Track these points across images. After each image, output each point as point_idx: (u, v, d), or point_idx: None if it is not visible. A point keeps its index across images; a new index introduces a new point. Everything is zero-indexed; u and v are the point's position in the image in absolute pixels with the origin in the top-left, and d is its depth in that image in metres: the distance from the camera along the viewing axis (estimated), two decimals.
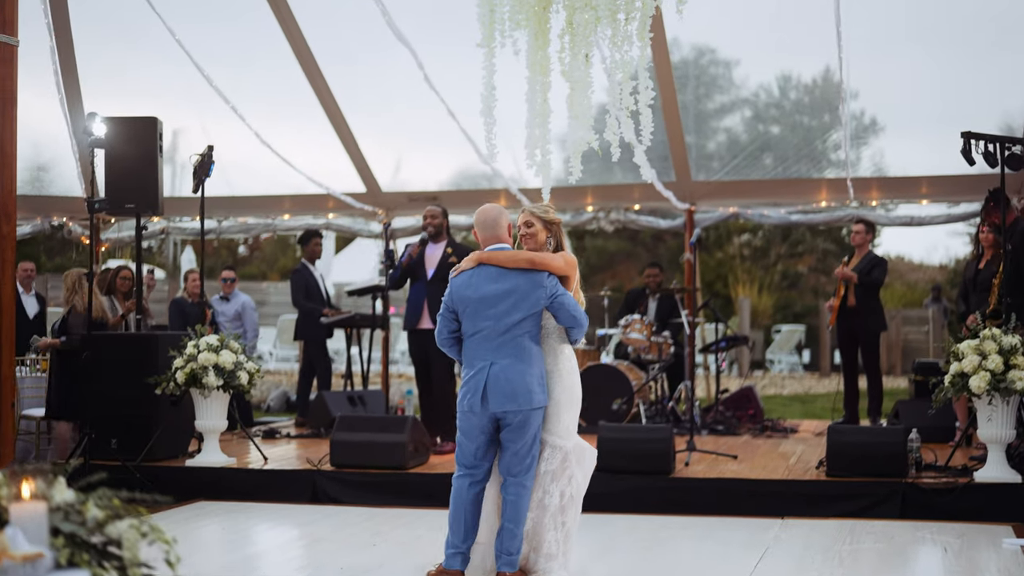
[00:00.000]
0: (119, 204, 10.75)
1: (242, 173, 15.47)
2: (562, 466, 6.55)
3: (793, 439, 12.36)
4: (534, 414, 6.42)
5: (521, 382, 6.36)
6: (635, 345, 13.37)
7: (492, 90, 7.78)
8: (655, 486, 9.36)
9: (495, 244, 6.66)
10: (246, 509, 9.63)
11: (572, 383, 6.58)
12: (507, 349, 6.42)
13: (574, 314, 6.42)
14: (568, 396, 6.56)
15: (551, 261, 6.46)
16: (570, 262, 6.57)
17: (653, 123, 7.91)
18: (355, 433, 10.04)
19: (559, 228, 6.80)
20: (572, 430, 6.63)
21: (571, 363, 6.61)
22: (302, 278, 13.87)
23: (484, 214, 6.74)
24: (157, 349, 10.49)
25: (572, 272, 6.57)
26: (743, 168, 14.72)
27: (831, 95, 14.06)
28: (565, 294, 6.43)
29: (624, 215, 15.03)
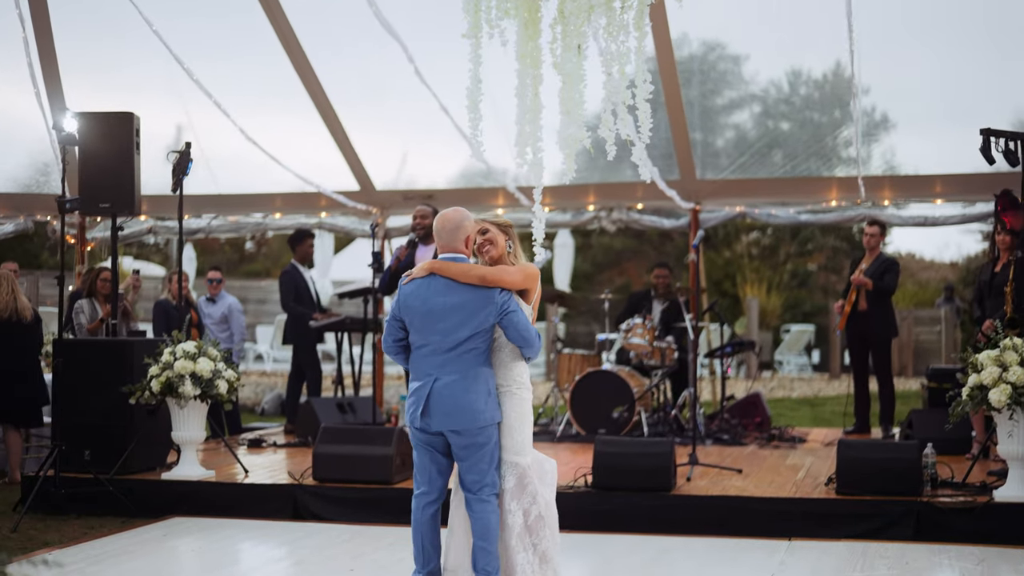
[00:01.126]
0: (93, 203, 10.25)
1: (233, 170, 14.98)
2: (520, 483, 6.26)
3: (801, 450, 11.82)
4: (483, 432, 6.18)
5: (464, 399, 6.13)
6: (637, 350, 12.84)
7: (479, 83, 7.24)
8: (654, 504, 8.84)
9: (450, 254, 6.33)
10: (222, 526, 9.13)
11: (523, 398, 6.32)
12: (453, 365, 6.19)
13: (524, 334, 6.18)
14: (519, 412, 6.30)
15: (505, 277, 6.19)
16: (529, 274, 6.29)
17: (653, 119, 7.36)
18: (339, 445, 9.53)
19: (513, 232, 6.47)
20: (527, 446, 6.32)
21: (523, 378, 6.34)
22: (292, 280, 13.35)
23: (443, 220, 6.37)
24: (132, 356, 9.99)
25: (532, 285, 6.29)
26: (750, 166, 14.18)
27: (842, 91, 13.55)
28: (516, 312, 6.16)
29: (627, 214, 14.49)
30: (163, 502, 9.60)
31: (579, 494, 8.95)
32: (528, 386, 6.33)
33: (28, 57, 12.03)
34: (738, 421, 13.10)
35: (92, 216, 13.78)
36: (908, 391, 20.52)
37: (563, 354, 13.46)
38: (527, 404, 6.30)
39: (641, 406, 12.50)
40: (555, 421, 13.18)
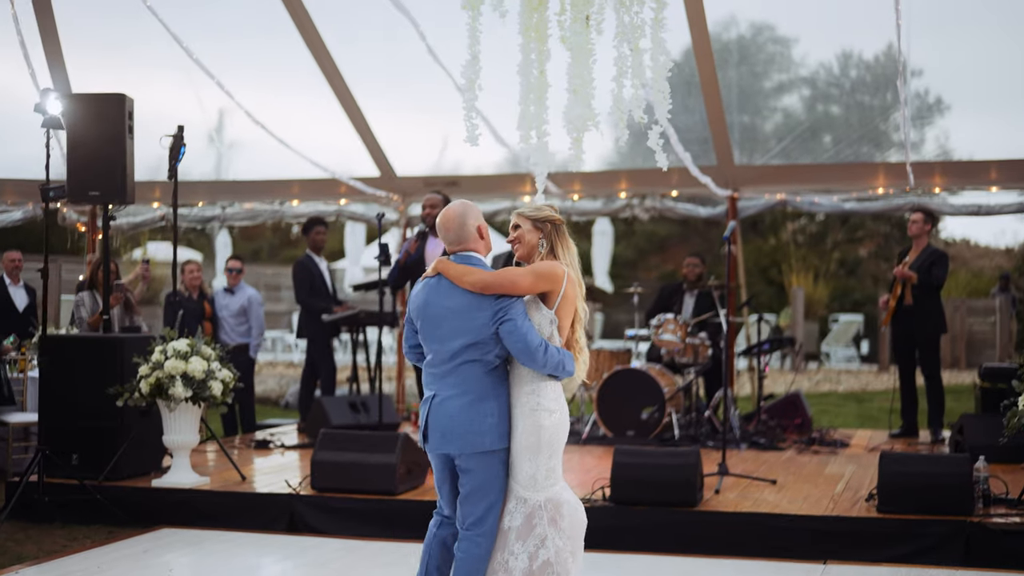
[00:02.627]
0: (82, 191, 9.61)
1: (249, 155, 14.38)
2: (528, 523, 5.31)
3: (843, 456, 11.01)
4: (483, 459, 5.32)
5: (462, 419, 5.31)
6: (668, 347, 12.08)
7: (476, 60, 6.54)
8: (677, 520, 8.08)
9: (461, 252, 5.48)
10: (211, 540, 8.48)
11: (542, 424, 5.29)
12: (451, 379, 5.37)
13: (524, 347, 5.24)
14: (534, 440, 5.28)
15: (512, 282, 5.28)
16: (543, 274, 5.32)
17: (689, 102, 6.62)
18: (339, 452, 8.85)
19: (555, 228, 5.50)
20: (540, 480, 5.31)
21: (545, 398, 5.32)
22: (306, 271, 12.67)
23: (445, 218, 5.51)
24: (123, 353, 9.35)
25: (549, 286, 5.33)
26: (792, 151, 13.37)
27: (893, 73, 12.72)
28: (514, 319, 5.24)
29: (660, 202, 13.72)
30: (153, 511, 8.97)
31: (595, 508, 8.20)
32: (555, 408, 5.32)
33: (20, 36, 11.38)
34: (776, 423, 12.32)
35: (80, 205, 13.16)
36: (960, 385, 19.64)
37: (590, 351, 12.69)
38: (551, 431, 5.30)
39: (672, 407, 11.75)
40: (581, 422, 12.44)
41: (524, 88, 6.54)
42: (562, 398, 5.41)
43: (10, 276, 12.75)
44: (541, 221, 5.46)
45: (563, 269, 5.37)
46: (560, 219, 5.51)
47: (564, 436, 5.38)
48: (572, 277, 5.39)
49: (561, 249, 5.46)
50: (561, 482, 5.40)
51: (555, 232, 5.47)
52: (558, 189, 13.67)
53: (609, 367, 12.28)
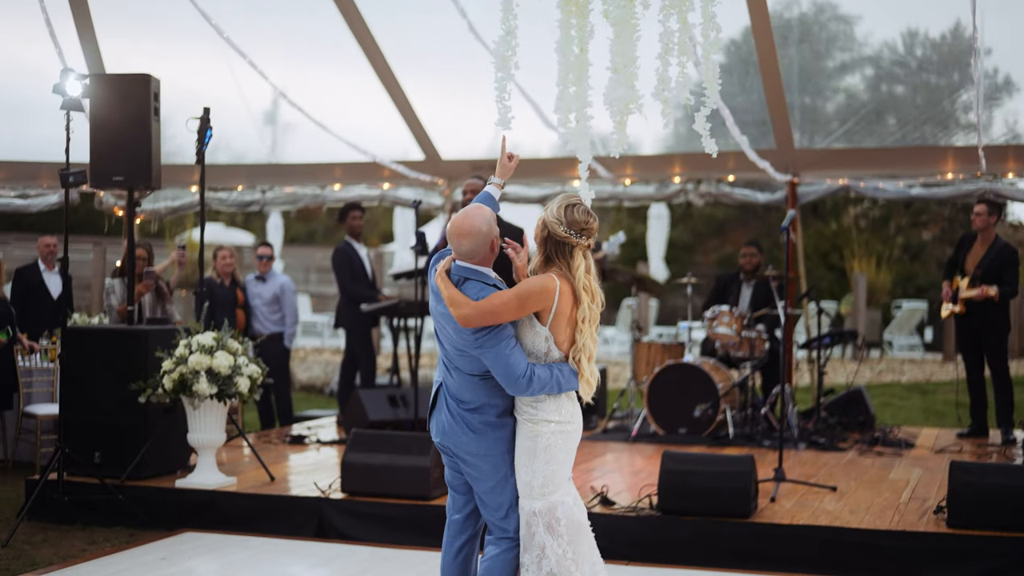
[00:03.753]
0: (105, 176, 9.18)
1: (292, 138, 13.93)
2: (529, 532, 5.05)
3: (908, 458, 10.38)
4: (482, 461, 5.12)
5: (463, 418, 5.10)
6: (723, 340, 11.48)
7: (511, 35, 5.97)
8: (729, 532, 7.51)
9: (471, 265, 5.12)
10: (236, 545, 8.03)
11: (534, 431, 5.03)
12: (451, 381, 5.16)
13: (501, 371, 4.93)
14: (527, 444, 5.04)
15: (495, 313, 4.90)
16: (531, 296, 4.96)
17: (726, 80, 6.04)
18: (371, 454, 8.36)
19: (557, 246, 5.06)
20: (536, 488, 5.04)
21: (535, 409, 5.03)
22: (346, 258, 12.19)
23: (459, 227, 5.10)
24: (148, 347, 8.91)
25: (539, 305, 4.98)
26: (856, 134, 12.69)
27: (961, 52, 12.04)
28: (494, 347, 4.91)
29: (716, 187, 13.09)
30: (176, 513, 8.54)
31: (642, 518, 7.67)
32: (556, 419, 5.01)
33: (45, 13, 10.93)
34: (837, 420, 11.69)
35: (103, 190, 12.75)
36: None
37: (641, 343, 12.13)
38: (548, 439, 5.01)
39: (727, 403, 11.17)
40: (631, 418, 11.88)
41: (563, 67, 5.96)
42: (568, 408, 5.07)
43: (45, 262, 12.34)
44: (542, 228, 5.09)
45: (553, 283, 4.97)
46: (561, 235, 5.02)
47: (568, 445, 5.09)
48: (567, 289, 4.99)
49: (561, 266, 5.04)
50: (562, 488, 5.07)
51: (552, 244, 5.05)
52: (608, 174, 13.09)
53: (661, 361, 11.71)
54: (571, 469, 5.13)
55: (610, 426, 12.05)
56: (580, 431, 5.15)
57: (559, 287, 4.95)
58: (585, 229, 5.02)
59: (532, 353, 5.01)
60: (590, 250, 5.10)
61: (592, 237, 5.08)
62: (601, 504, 7.93)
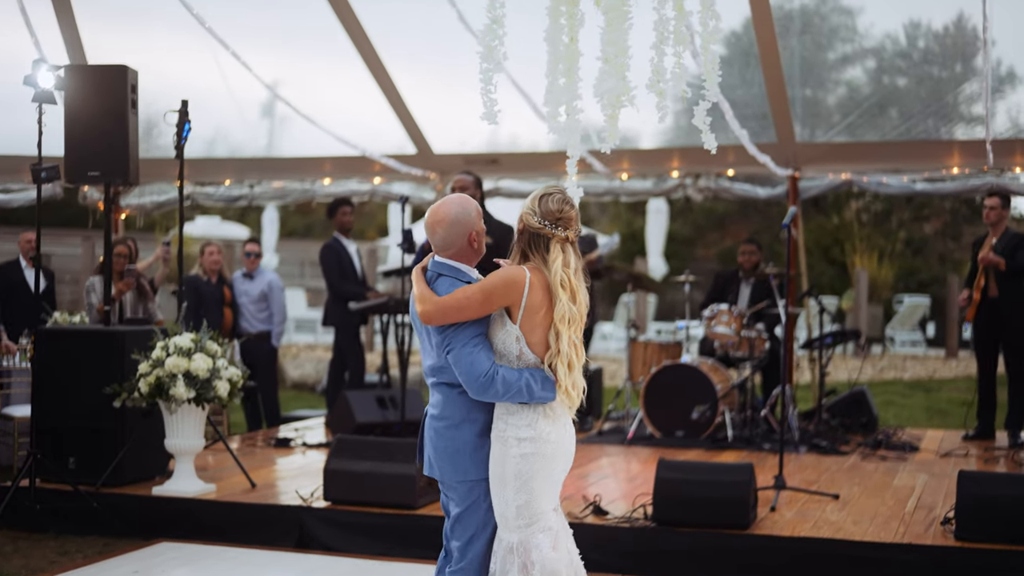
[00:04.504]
0: (80, 171, 8.84)
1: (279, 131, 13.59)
2: (503, 569, 4.61)
3: (913, 462, 10.05)
4: (463, 488, 4.69)
5: (440, 445, 4.69)
6: (722, 340, 11.15)
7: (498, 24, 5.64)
8: (727, 545, 7.17)
9: (447, 260, 4.74)
10: (212, 556, 7.69)
11: (504, 453, 4.57)
12: (434, 398, 4.77)
13: (467, 376, 4.51)
14: (497, 470, 4.59)
15: (459, 308, 4.51)
16: (498, 288, 4.52)
17: (726, 72, 5.69)
18: (354, 461, 8.02)
19: (533, 238, 4.65)
20: (510, 519, 4.58)
21: (505, 424, 4.59)
22: (334, 255, 11.86)
23: (434, 215, 4.74)
24: (124, 348, 8.57)
25: (506, 300, 4.55)
26: (859, 127, 12.35)
27: (964, 43, 11.71)
28: (456, 347, 4.52)
29: (715, 182, 12.74)
30: (153, 521, 8.20)
31: (636, 529, 7.34)
32: (527, 436, 4.55)
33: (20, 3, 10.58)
34: (839, 422, 11.37)
35: (77, 185, 12.40)
36: None
37: (637, 342, 11.80)
38: (518, 463, 4.54)
39: (725, 405, 10.85)
40: (628, 419, 11.55)
41: (552, 57, 5.63)
42: (542, 426, 4.57)
43: (27, 259, 12.01)
44: (519, 220, 4.67)
45: (523, 275, 4.54)
46: (535, 226, 4.60)
47: (546, 471, 4.59)
48: (539, 283, 4.55)
49: (537, 261, 4.62)
50: (541, 521, 4.59)
51: (527, 236, 4.63)
52: (605, 168, 12.74)
53: (657, 361, 11.38)
54: (556, 497, 4.69)
55: (606, 428, 11.72)
56: (564, 454, 4.65)
57: (529, 279, 4.52)
58: (560, 219, 4.59)
59: (503, 355, 4.57)
60: (569, 243, 4.64)
61: (570, 228, 4.61)
62: (594, 514, 7.60)
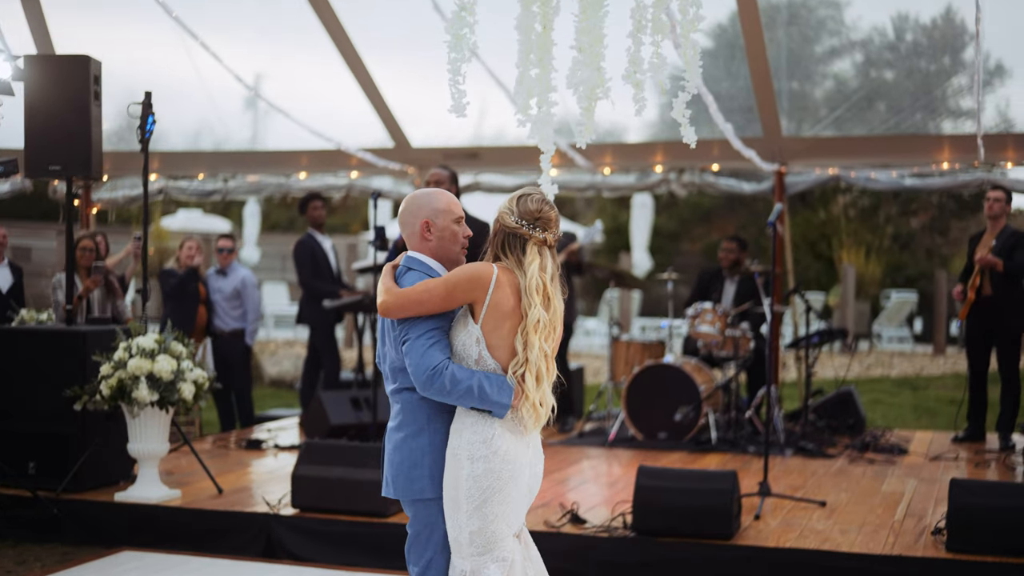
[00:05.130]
0: (41, 165, 8.51)
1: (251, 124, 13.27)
2: None
3: (902, 466, 9.79)
4: (418, 507, 4.37)
5: (396, 459, 4.36)
6: (706, 340, 10.87)
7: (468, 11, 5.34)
8: (709, 556, 6.89)
9: (409, 252, 4.50)
10: (175, 566, 7.39)
11: (456, 471, 4.23)
12: (396, 406, 4.44)
13: (413, 369, 4.21)
14: (449, 492, 4.26)
15: (418, 301, 4.22)
16: (461, 282, 4.23)
17: (732, 67, 5.42)
18: (324, 467, 7.72)
19: (508, 237, 4.35)
20: (463, 545, 4.25)
21: (459, 438, 4.26)
22: (308, 251, 11.55)
23: (401, 208, 4.53)
24: (85, 349, 8.26)
25: (470, 295, 4.24)
26: (846, 121, 12.08)
27: (952, 36, 11.45)
28: (410, 339, 4.22)
29: (700, 177, 12.46)
30: (115, 529, 7.89)
31: (615, 539, 7.06)
32: (480, 455, 4.20)
33: None
34: (826, 423, 11.11)
35: (37, 180, 12.07)
36: None
37: (620, 342, 11.51)
38: (470, 484, 4.20)
39: (709, 406, 10.57)
40: (609, 420, 11.27)
41: (523, 47, 5.33)
42: (500, 443, 4.21)
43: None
44: (495, 220, 4.38)
45: (490, 271, 4.24)
46: (512, 226, 4.31)
47: (501, 493, 4.21)
48: (507, 282, 4.24)
49: (511, 263, 4.32)
50: (496, 550, 4.24)
51: (502, 236, 4.34)
52: (587, 162, 12.44)
53: (640, 360, 11.10)
54: (518, 523, 4.32)
55: (587, 429, 11.42)
56: (524, 475, 4.26)
57: (496, 276, 4.22)
58: (539, 219, 4.29)
59: (460, 358, 4.24)
60: (547, 247, 4.33)
61: (549, 231, 4.32)
62: (571, 523, 7.32)
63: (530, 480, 4.34)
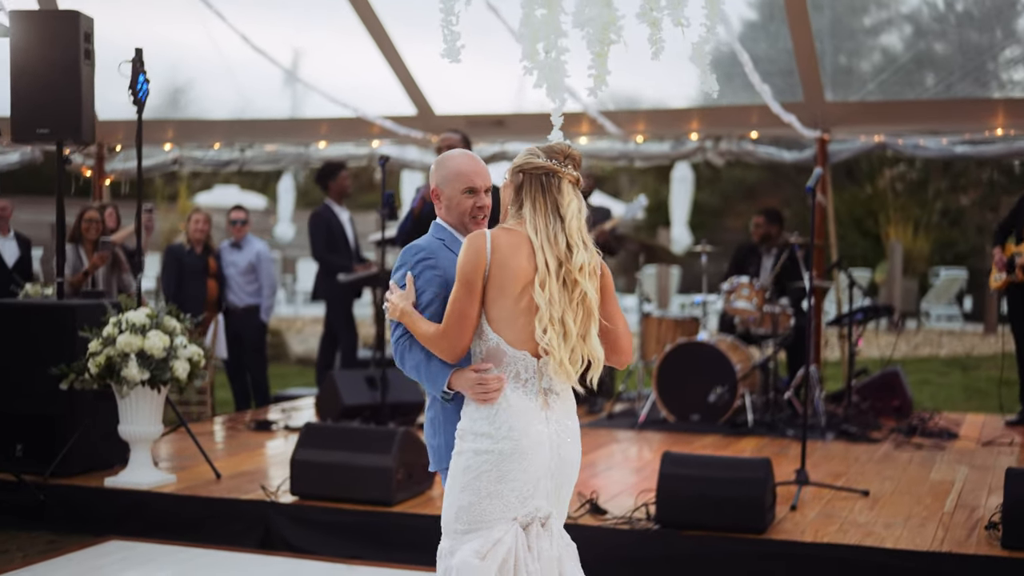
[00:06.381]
0: (28, 129, 7.99)
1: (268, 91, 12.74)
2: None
3: (952, 451, 9.13)
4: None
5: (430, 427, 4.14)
6: (742, 316, 10.24)
7: None
8: (739, 551, 6.29)
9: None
10: (164, 557, 6.88)
11: (459, 447, 3.88)
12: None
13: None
14: (454, 466, 3.89)
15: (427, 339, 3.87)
16: (461, 265, 3.79)
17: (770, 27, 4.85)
18: (325, 451, 7.17)
19: (530, 178, 3.82)
20: (449, 521, 3.89)
21: (465, 414, 3.90)
22: (323, 223, 11.01)
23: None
24: (74, 324, 7.74)
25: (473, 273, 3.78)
26: (893, 85, 11.36)
27: (1004, 6, 10.73)
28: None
29: (737, 144, 11.78)
30: (104, 516, 7.39)
31: (637, 532, 6.47)
32: (487, 429, 3.81)
33: None
34: (870, 405, 10.45)
35: (25, 144, 11.56)
36: None
37: (651, 318, 10.90)
38: (470, 460, 3.83)
39: (746, 387, 9.95)
40: (639, 401, 10.67)
41: None
42: (503, 416, 3.80)
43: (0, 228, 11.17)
44: (514, 173, 3.84)
45: (483, 235, 3.78)
46: (541, 165, 3.80)
47: (498, 470, 3.80)
48: (505, 242, 3.77)
49: (532, 207, 3.80)
50: (483, 533, 3.80)
51: (528, 184, 3.78)
52: (617, 130, 11.81)
53: (672, 339, 10.49)
54: (519, 508, 3.82)
55: (617, 410, 10.82)
56: (531, 456, 3.81)
57: (491, 237, 3.76)
58: (570, 155, 3.84)
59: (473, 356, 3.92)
60: (578, 187, 3.86)
61: (578, 169, 3.86)
62: (591, 513, 6.74)
63: (552, 462, 3.86)
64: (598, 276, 3.84)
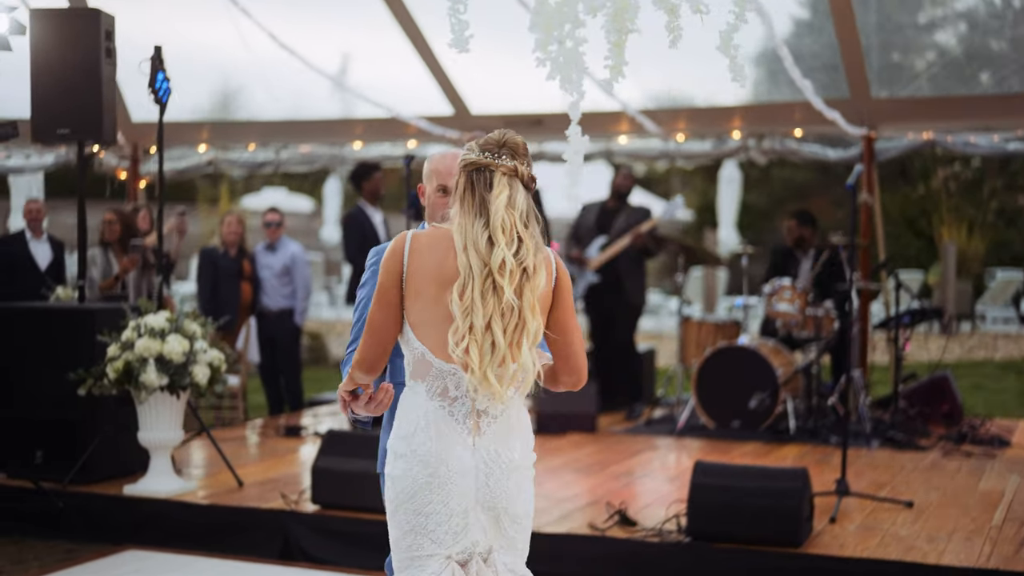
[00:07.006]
0: (49, 129, 7.84)
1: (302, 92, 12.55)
2: None
3: (1003, 460, 8.77)
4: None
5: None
6: (784, 319, 9.93)
7: None
8: (774, 566, 6.00)
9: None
10: (182, 567, 6.70)
11: (385, 469, 3.50)
12: None
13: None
14: (389, 494, 3.46)
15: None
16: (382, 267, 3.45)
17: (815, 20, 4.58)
18: (347, 459, 6.94)
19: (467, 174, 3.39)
20: (393, 551, 3.47)
21: (392, 431, 3.48)
22: (358, 225, 10.79)
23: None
24: (94, 329, 7.58)
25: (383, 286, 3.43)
26: (943, 80, 11.00)
27: None
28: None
29: (781, 143, 11.45)
30: (122, 525, 7.23)
31: (667, 545, 6.20)
32: (405, 453, 3.40)
33: None
34: (918, 411, 10.09)
35: (46, 145, 11.43)
36: None
37: (690, 321, 10.61)
38: (391, 485, 3.44)
39: (788, 392, 9.64)
40: (678, 407, 10.38)
41: None
42: (421, 436, 3.37)
43: (31, 229, 10.94)
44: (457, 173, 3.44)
45: (403, 236, 3.41)
46: (472, 160, 3.39)
47: (412, 501, 3.38)
48: (427, 243, 3.39)
49: (460, 206, 3.39)
50: (411, 570, 3.40)
51: (461, 182, 3.40)
52: (657, 128, 11.52)
53: (712, 343, 10.19)
54: (446, 545, 3.38)
55: (656, 415, 10.55)
56: (450, 484, 3.36)
57: (410, 239, 3.38)
58: (506, 144, 3.39)
59: (402, 341, 3.46)
60: (519, 180, 3.38)
61: (519, 159, 3.39)
62: (620, 524, 6.48)
63: (480, 493, 3.40)
64: (538, 275, 3.37)
